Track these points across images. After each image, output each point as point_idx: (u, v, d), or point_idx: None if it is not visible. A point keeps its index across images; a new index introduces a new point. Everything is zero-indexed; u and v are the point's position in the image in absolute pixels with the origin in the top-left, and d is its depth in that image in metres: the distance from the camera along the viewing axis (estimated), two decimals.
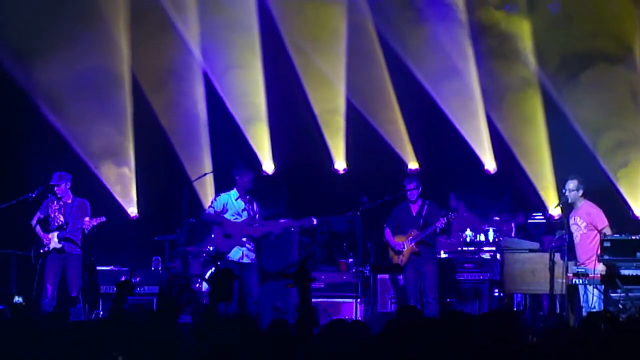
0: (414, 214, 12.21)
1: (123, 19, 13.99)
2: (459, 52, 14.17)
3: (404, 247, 12.14)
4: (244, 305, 11.75)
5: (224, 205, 11.90)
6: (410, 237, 12.11)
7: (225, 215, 11.88)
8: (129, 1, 13.98)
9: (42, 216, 12.32)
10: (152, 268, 13.53)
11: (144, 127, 14.24)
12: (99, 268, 13.24)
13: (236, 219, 11.90)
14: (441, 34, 14.15)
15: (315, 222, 12.06)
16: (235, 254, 11.83)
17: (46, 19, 13.55)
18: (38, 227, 12.28)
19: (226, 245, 11.87)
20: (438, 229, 12.15)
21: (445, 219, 12.09)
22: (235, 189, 11.98)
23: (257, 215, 11.96)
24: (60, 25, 13.63)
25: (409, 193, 12.21)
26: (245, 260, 11.83)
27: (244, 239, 11.82)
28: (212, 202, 12.11)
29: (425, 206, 12.25)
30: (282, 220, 12.33)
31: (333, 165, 14.45)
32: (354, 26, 14.17)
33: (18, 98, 13.81)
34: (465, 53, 14.13)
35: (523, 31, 13.95)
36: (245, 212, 11.91)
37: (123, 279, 11.54)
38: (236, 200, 11.93)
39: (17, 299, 11.94)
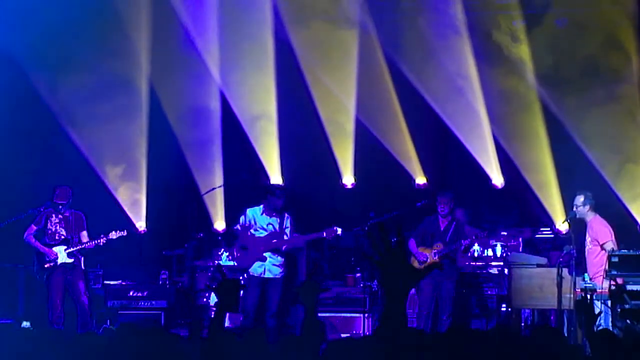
0: (442, 228, 12.00)
1: (144, 31, 13.88)
2: (464, 70, 14.05)
3: (427, 259, 11.97)
4: (262, 319, 11.58)
5: (249, 220, 11.83)
6: (435, 251, 11.89)
7: (252, 230, 11.76)
8: (151, 17, 13.91)
9: (37, 229, 11.83)
10: (160, 282, 13.43)
11: (158, 140, 14.16)
12: (106, 282, 13.12)
13: (260, 233, 11.78)
14: (447, 53, 14.01)
15: (339, 232, 11.88)
16: (257, 269, 11.70)
17: (69, 32, 13.50)
18: (36, 241, 11.80)
19: (246, 260, 11.79)
20: (463, 247, 12.04)
21: (469, 240, 11.97)
22: (262, 205, 11.89)
23: (286, 229, 11.80)
24: (83, 38, 13.50)
25: (440, 206, 12.02)
26: (268, 275, 11.64)
27: (267, 254, 11.77)
28: (239, 217, 11.96)
29: (454, 222, 12.03)
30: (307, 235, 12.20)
31: (341, 180, 14.26)
32: (364, 49, 14.06)
33: (35, 105, 13.71)
34: (469, 71, 14.02)
35: (529, 47, 13.87)
36: (270, 226, 11.76)
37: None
38: (261, 215, 11.80)
39: (25, 324, 11.69)
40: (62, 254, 11.78)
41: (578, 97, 13.54)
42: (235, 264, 12.06)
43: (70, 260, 11.78)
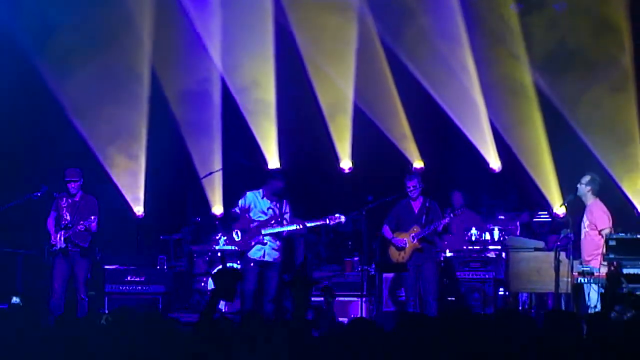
0: (416, 212, 11.72)
1: (147, 16, 13.79)
2: (461, 55, 13.96)
3: (406, 244, 11.80)
4: (261, 303, 11.35)
5: (249, 204, 11.62)
6: (413, 234, 11.65)
7: (250, 213, 11.54)
8: (154, 3, 13.87)
9: (56, 214, 11.59)
10: (158, 267, 13.31)
11: (158, 125, 13.99)
12: (103, 267, 12.96)
13: (260, 217, 11.63)
14: (444, 38, 13.91)
15: (343, 220, 11.73)
16: (256, 252, 11.51)
17: (73, 19, 13.37)
18: (51, 226, 11.56)
19: (246, 244, 11.66)
20: (440, 228, 11.89)
21: (448, 218, 11.84)
22: (262, 189, 11.67)
23: (286, 215, 11.58)
24: (87, 24, 13.41)
25: (409, 191, 11.84)
26: (267, 258, 11.39)
27: (267, 238, 11.66)
28: (239, 200, 11.69)
29: (427, 204, 11.79)
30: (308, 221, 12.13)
31: (339, 164, 14.14)
32: (362, 35, 13.99)
33: (37, 90, 13.53)
34: (466, 56, 13.92)
35: (527, 32, 13.78)
36: (270, 211, 11.50)
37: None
38: (262, 199, 11.55)
39: (15, 300, 11.55)
40: (61, 239, 11.58)
41: (575, 81, 13.45)
42: (236, 247, 11.87)
43: (64, 246, 11.49)
